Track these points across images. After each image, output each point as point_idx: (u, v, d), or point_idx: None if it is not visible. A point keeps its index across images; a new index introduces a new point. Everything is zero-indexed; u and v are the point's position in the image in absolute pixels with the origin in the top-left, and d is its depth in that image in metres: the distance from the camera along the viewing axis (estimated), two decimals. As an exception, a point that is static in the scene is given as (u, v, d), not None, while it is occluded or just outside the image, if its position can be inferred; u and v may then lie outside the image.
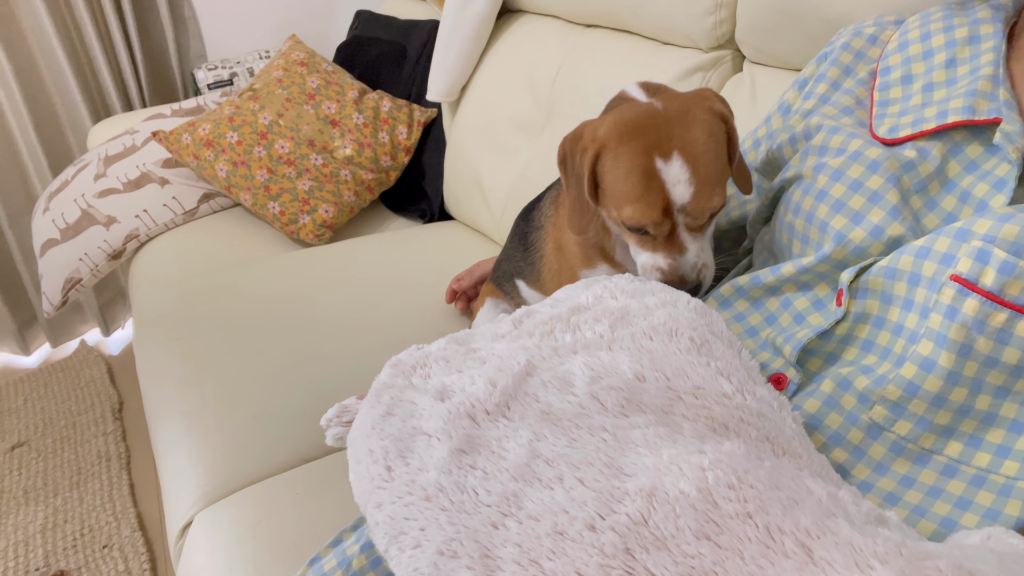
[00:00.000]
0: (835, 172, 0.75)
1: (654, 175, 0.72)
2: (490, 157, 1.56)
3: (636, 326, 0.64)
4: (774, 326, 0.78)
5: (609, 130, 0.75)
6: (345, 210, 1.72)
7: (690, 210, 0.74)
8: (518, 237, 1.09)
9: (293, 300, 1.39)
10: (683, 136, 0.72)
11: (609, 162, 0.74)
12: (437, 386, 0.63)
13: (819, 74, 0.87)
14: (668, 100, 0.76)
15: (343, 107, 1.78)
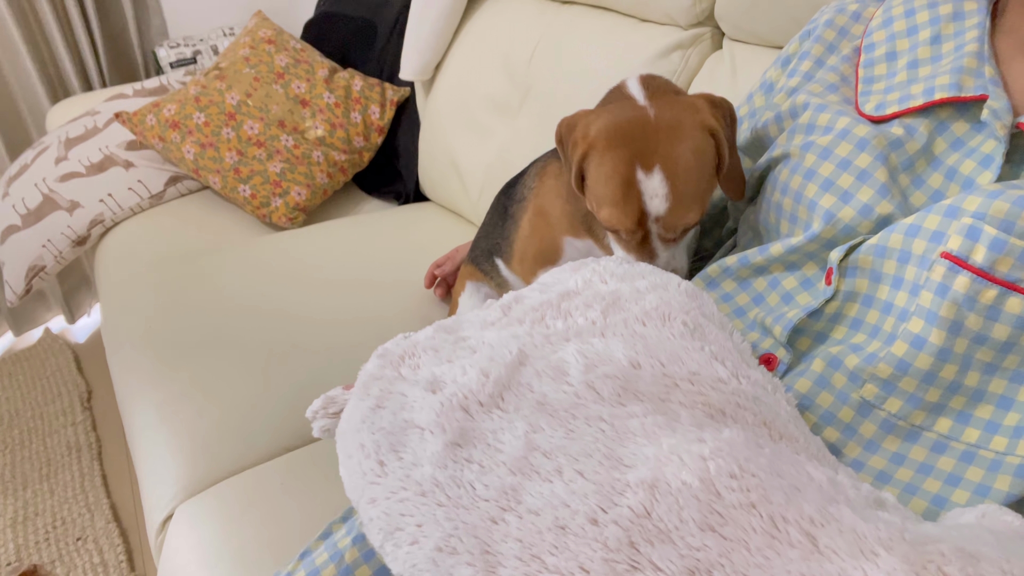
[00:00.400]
0: (823, 151, 0.74)
1: (633, 185, 0.73)
2: (466, 138, 1.53)
3: (628, 311, 0.63)
4: (762, 306, 0.78)
5: (599, 132, 0.75)
6: (318, 192, 1.69)
7: (663, 224, 0.75)
8: (498, 212, 1.07)
9: (268, 286, 1.36)
10: (667, 151, 0.72)
11: (594, 163, 0.75)
12: (427, 377, 0.62)
13: (803, 51, 0.86)
14: (662, 108, 0.76)
15: (313, 86, 1.74)
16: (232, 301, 1.32)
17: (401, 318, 1.26)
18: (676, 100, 0.77)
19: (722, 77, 1.12)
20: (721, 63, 1.14)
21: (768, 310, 0.76)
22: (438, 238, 1.54)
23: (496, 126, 1.48)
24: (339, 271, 1.41)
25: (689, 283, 0.69)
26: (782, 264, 0.76)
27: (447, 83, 1.61)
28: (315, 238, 1.57)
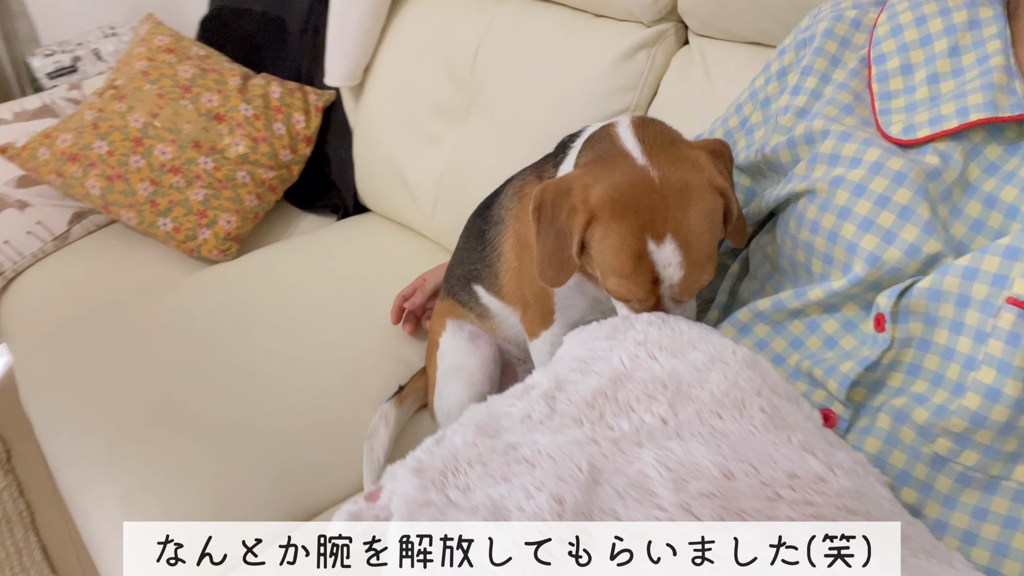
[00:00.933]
0: (856, 187, 0.70)
1: (644, 256, 0.69)
2: (411, 147, 1.42)
3: (698, 400, 0.57)
4: (801, 351, 0.74)
5: (602, 200, 0.70)
6: (249, 217, 1.54)
7: (678, 289, 0.71)
8: (474, 236, 1.00)
9: (210, 332, 1.23)
10: (678, 217, 0.68)
11: (600, 234, 0.71)
12: (484, 502, 0.54)
13: (806, 65, 0.81)
14: (665, 168, 0.71)
15: (227, 98, 1.57)
16: (172, 356, 1.18)
17: (372, 358, 1.17)
18: (678, 157, 0.72)
19: (694, 77, 1.06)
20: (691, 62, 1.07)
21: (811, 356, 0.72)
22: (392, 255, 1.44)
23: (443, 133, 1.38)
24: (289, 306, 1.29)
25: (743, 349, 0.63)
26: (820, 307, 0.72)
27: (381, 88, 1.48)
28: (254, 269, 1.43)
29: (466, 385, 1.00)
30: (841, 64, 0.80)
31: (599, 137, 0.79)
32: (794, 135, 0.77)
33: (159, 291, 1.38)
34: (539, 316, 0.91)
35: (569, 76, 1.16)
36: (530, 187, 0.90)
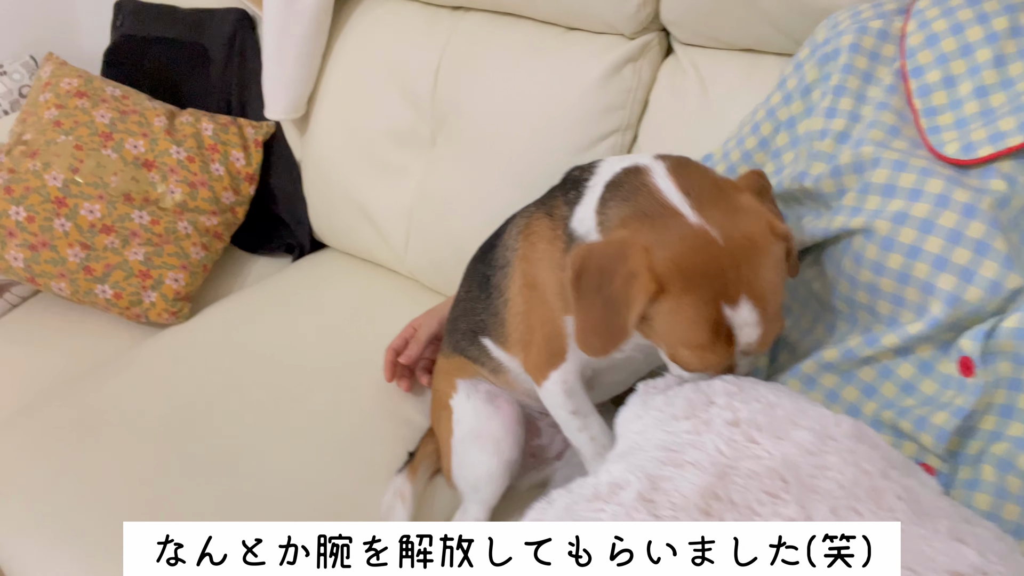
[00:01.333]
0: (923, 223, 0.65)
1: (721, 324, 0.65)
2: (371, 179, 1.32)
3: (826, 493, 0.51)
4: (876, 398, 0.69)
5: (670, 270, 0.64)
6: (198, 271, 1.41)
7: (755, 347, 0.67)
8: (478, 284, 0.92)
9: (175, 413, 1.10)
10: (750, 277, 0.64)
11: (670, 307, 0.66)
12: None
13: (837, 85, 0.76)
14: (722, 223, 0.66)
15: (154, 141, 1.42)
16: (139, 447, 1.05)
17: (370, 423, 1.07)
18: (732, 208, 0.67)
19: (688, 91, 1.00)
20: (681, 74, 1.02)
21: (890, 405, 0.68)
22: (366, 297, 1.33)
23: (408, 163, 1.28)
24: (264, 369, 1.17)
25: (845, 418, 0.58)
26: (893, 352, 0.68)
27: (329, 117, 1.37)
28: (215, 330, 1.31)
29: (493, 453, 0.92)
30: (875, 80, 0.75)
31: (632, 187, 0.72)
32: (839, 163, 0.73)
33: (110, 368, 1.24)
34: (546, 359, 0.84)
35: (548, 97, 1.08)
36: (538, 224, 0.83)
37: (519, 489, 1.00)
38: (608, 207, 0.74)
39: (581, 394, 0.84)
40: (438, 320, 1.08)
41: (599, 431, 0.85)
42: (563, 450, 1.02)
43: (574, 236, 0.77)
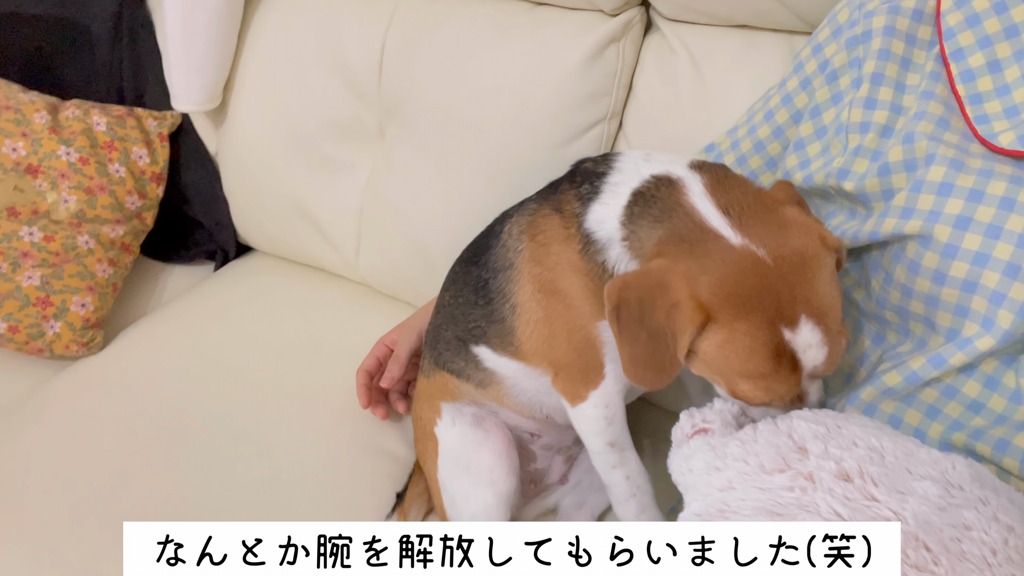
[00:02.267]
0: (989, 228, 0.60)
1: (783, 349, 0.60)
2: (309, 176, 1.17)
3: (978, 560, 0.46)
4: (941, 419, 0.65)
5: (717, 297, 0.59)
6: (107, 293, 1.21)
7: (823, 368, 0.62)
8: (471, 288, 0.82)
9: (102, 465, 0.94)
10: (808, 294, 0.60)
11: (721, 339, 0.61)
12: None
13: (873, 72, 0.69)
14: (770, 241, 0.61)
15: (36, 142, 1.21)
16: (65, 518, 0.89)
17: (349, 462, 0.95)
18: (777, 223, 0.63)
19: (680, 73, 0.92)
20: (670, 54, 0.93)
21: (957, 426, 0.64)
22: (315, 308, 1.19)
23: (353, 157, 1.14)
24: (209, 407, 1.02)
25: (958, 459, 0.53)
26: (957, 370, 0.63)
27: (251, 107, 1.20)
28: (138, 360, 1.14)
29: (486, 485, 0.83)
30: (913, 67, 0.70)
31: (666, 206, 0.65)
32: (888, 161, 0.67)
33: (16, 416, 1.05)
34: (581, 374, 0.76)
35: (521, 83, 0.97)
36: (546, 222, 0.75)
37: (525, 520, 0.92)
38: (638, 224, 0.67)
39: (622, 422, 0.77)
40: (416, 334, 0.97)
41: (636, 469, 0.78)
42: (565, 472, 0.94)
43: (592, 238, 0.70)
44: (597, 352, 0.74)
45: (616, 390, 0.75)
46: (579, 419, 0.78)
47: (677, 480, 0.64)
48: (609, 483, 0.79)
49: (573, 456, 0.94)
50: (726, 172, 0.67)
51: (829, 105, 0.74)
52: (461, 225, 1.01)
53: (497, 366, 0.83)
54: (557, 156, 0.95)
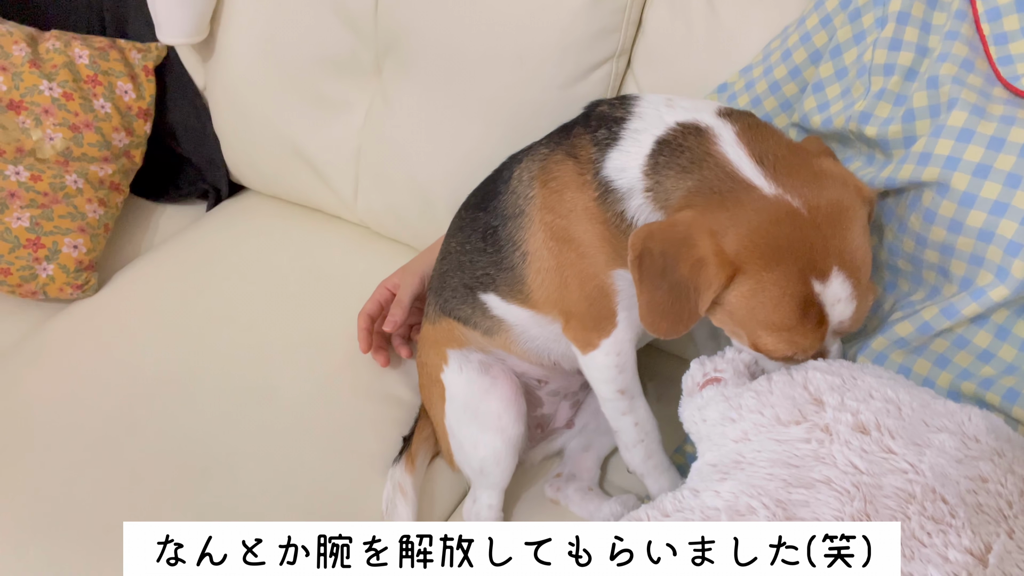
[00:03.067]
0: (1009, 176, 0.60)
1: (812, 302, 0.59)
2: (303, 115, 1.13)
3: (995, 512, 0.47)
4: (949, 368, 0.65)
5: (745, 247, 0.58)
6: (99, 233, 1.19)
7: (849, 324, 0.62)
8: (479, 234, 0.81)
9: (113, 411, 0.94)
10: (841, 246, 0.59)
11: (748, 290, 0.59)
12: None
13: (900, 11, 0.68)
14: (805, 191, 0.60)
15: (17, 76, 1.16)
16: (82, 460, 0.89)
17: (354, 406, 0.95)
18: (813, 173, 0.61)
19: (692, 9, 0.88)
20: (685, 5, 0.88)
21: (967, 375, 0.64)
22: (313, 249, 1.18)
23: (349, 96, 1.10)
24: (209, 350, 1.02)
25: (972, 410, 0.53)
26: (968, 320, 0.63)
27: (239, 40, 1.15)
28: (133, 301, 1.12)
29: (495, 431, 0.83)
30: (940, 5, 0.67)
31: (695, 156, 0.63)
32: (913, 106, 0.65)
33: (16, 358, 1.04)
34: (593, 322, 0.76)
35: (527, 18, 0.93)
36: (559, 168, 0.73)
37: (531, 463, 0.93)
38: (663, 175, 0.65)
39: (633, 370, 0.77)
40: (420, 278, 0.96)
41: (645, 416, 0.78)
42: (571, 417, 0.95)
43: (611, 187, 0.69)
44: (610, 301, 0.74)
45: (628, 338, 0.75)
46: (590, 367, 0.78)
47: (689, 429, 0.64)
48: (617, 429, 0.79)
49: (580, 401, 0.95)
50: (757, 121, 0.66)
51: (851, 45, 0.72)
52: (463, 167, 0.99)
53: (505, 314, 0.82)
54: (563, 96, 0.92)
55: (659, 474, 0.80)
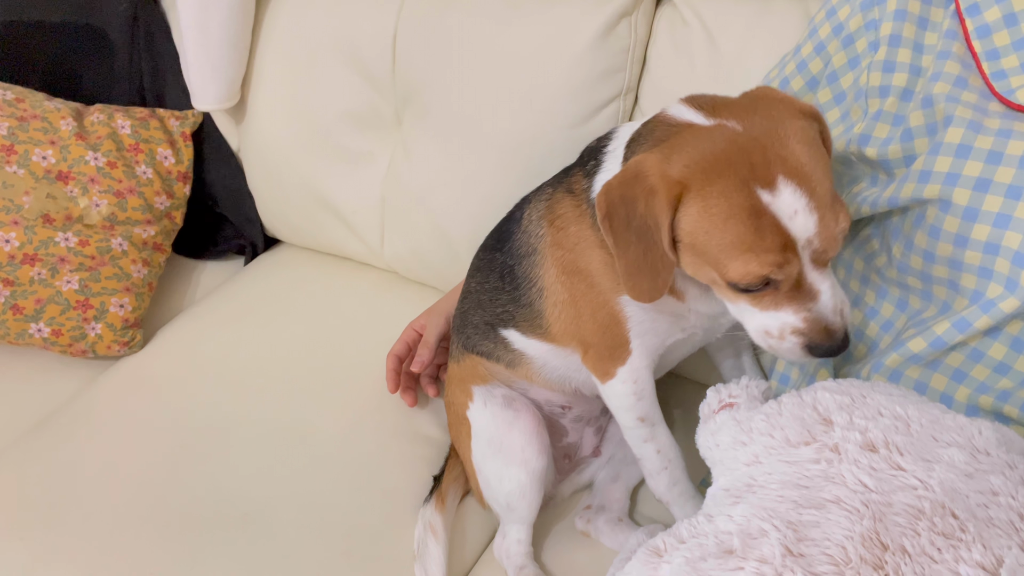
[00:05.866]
0: (1010, 188, 0.60)
1: (763, 212, 0.59)
2: (331, 168, 1.18)
3: (1006, 526, 0.46)
4: (967, 383, 0.65)
5: (686, 167, 0.60)
6: (143, 292, 1.25)
7: (819, 242, 0.60)
8: (497, 274, 0.84)
9: (162, 461, 0.98)
10: (782, 155, 0.60)
11: (697, 209, 0.60)
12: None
13: (891, 35, 0.69)
14: (742, 114, 0.62)
15: (65, 149, 1.24)
16: (129, 509, 0.92)
17: (384, 445, 0.98)
18: (750, 101, 0.64)
19: (693, 45, 0.91)
20: (682, 26, 0.92)
21: (984, 389, 0.64)
22: (345, 296, 1.22)
23: (372, 147, 1.15)
24: (248, 396, 1.05)
25: (985, 424, 0.53)
26: (982, 332, 0.63)
27: (269, 102, 1.21)
28: (179, 356, 1.17)
29: (518, 464, 0.85)
30: (931, 26, 0.68)
31: (650, 128, 0.67)
32: (910, 126, 0.66)
33: (67, 415, 1.09)
34: (608, 351, 0.77)
35: (535, 64, 0.97)
36: (561, 206, 0.77)
37: (561, 497, 0.94)
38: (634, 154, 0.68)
39: (651, 397, 0.78)
40: (445, 318, 0.99)
41: (667, 443, 0.79)
42: (598, 444, 0.96)
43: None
44: (622, 327, 0.75)
45: (644, 365, 0.76)
46: (609, 395, 0.79)
47: (705, 455, 0.65)
48: (641, 457, 0.80)
49: (603, 427, 0.96)
50: (705, 94, 0.68)
51: (846, 70, 0.73)
52: (481, 209, 1.02)
53: (526, 347, 0.85)
54: (574, 135, 0.95)
55: (685, 501, 0.80)
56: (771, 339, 0.65)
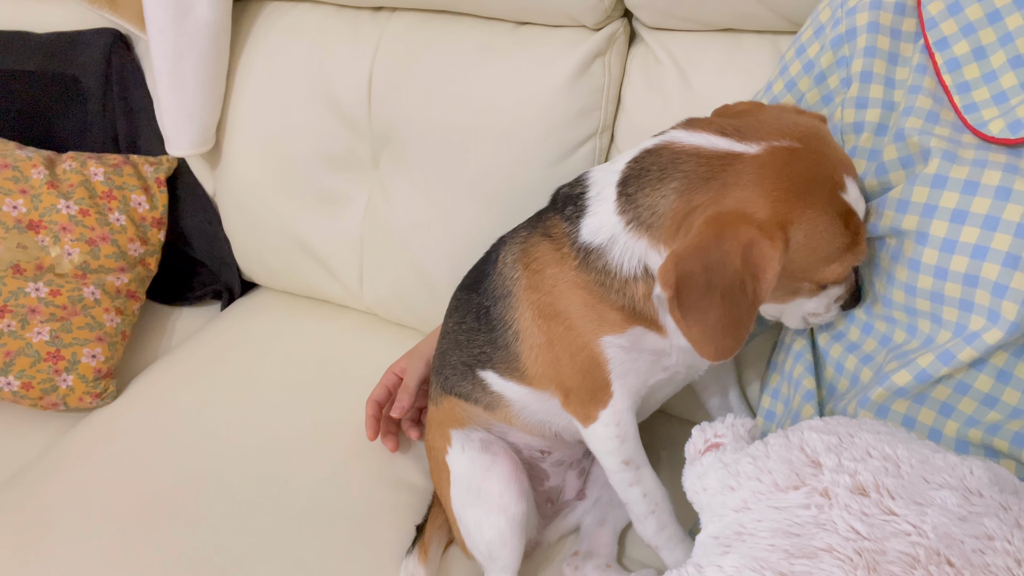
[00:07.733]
0: (986, 219, 0.60)
1: (850, 213, 0.63)
2: (307, 210, 1.17)
3: (1009, 573, 0.45)
4: (955, 416, 0.64)
5: (779, 203, 0.60)
6: (117, 342, 1.22)
7: (864, 216, 0.67)
8: (473, 315, 0.83)
9: (132, 515, 0.94)
10: (838, 156, 0.64)
11: (804, 235, 0.62)
12: None
13: (862, 71, 0.69)
14: (782, 130, 0.64)
15: (36, 198, 1.22)
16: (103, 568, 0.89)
17: (365, 495, 0.94)
18: (767, 118, 0.66)
19: (666, 82, 0.91)
20: (655, 64, 0.92)
21: (972, 422, 0.63)
22: (323, 340, 1.19)
23: (349, 189, 1.14)
24: (226, 448, 1.02)
25: (976, 462, 0.52)
26: (967, 365, 0.62)
27: (244, 146, 1.20)
28: (152, 408, 1.14)
29: (497, 512, 0.82)
30: (901, 61, 0.69)
31: (662, 164, 0.66)
32: (884, 160, 0.66)
33: (37, 470, 1.05)
34: (589, 394, 0.75)
35: (510, 105, 0.97)
36: (538, 250, 0.75)
37: (548, 542, 0.91)
38: (639, 198, 0.67)
39: (635, 439, 0.76)
40: (425, 361, 0.97)
41: (653, 486, 0.77)
42: (582, 487, 0.93)
43: (590, 248, 0.71)
44: (602, 370, 0.74)
45: (626, 407, 0.75)
46: (592, 440, 0.78)
47: (692, 499, 0.63)
48: (627, 501, 0.78)
49: (586, 469, 0.93)
50: (696, 117, 0.69)
51: (820, 106, 0.73)
52: (460, 250, 1.01)
53: (504, 390, 0.83)
54: (552, 174, 0.95)
55: (674, 546, 0.78)
56: (816, 317, 0.71)
